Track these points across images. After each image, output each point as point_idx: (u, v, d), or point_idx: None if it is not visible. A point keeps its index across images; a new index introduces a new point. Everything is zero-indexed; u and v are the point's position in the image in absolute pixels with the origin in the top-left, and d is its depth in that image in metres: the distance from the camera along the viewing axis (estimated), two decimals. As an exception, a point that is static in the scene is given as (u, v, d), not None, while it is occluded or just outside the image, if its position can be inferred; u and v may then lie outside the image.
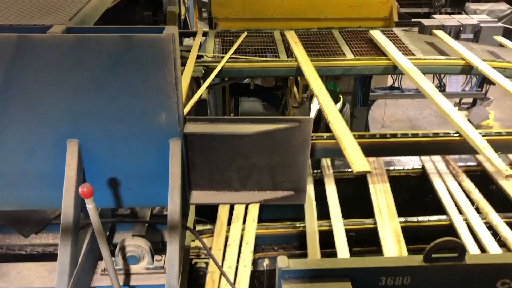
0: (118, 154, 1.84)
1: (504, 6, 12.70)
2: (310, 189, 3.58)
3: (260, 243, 3.24)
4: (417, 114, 9.33)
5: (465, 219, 3.37)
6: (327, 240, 3.16)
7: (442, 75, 7.40)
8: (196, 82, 3.71)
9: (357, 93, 6.66)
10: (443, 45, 4.59)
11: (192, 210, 2.43)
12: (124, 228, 2.23)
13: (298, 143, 1.96)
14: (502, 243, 3.16)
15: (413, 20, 6.97)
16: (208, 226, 3.29)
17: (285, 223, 3.36)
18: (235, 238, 3.07)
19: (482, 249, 3.07)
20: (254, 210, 3.34)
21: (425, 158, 4.09)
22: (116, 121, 1.77)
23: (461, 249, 1.86)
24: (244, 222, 3.24)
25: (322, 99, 3.26)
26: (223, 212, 3.33)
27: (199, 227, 3.28)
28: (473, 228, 3.27)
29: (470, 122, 7.62)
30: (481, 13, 12.01)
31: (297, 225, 3.34)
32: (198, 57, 4.06)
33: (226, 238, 3.08)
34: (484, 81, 7.37)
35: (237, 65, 4.03)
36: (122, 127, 1.78)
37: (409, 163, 4.12)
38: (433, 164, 4.01)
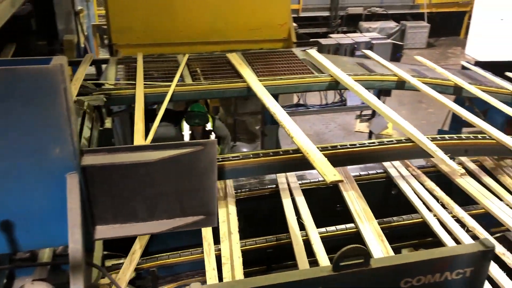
0: (11, 194, 1.71)
1: (392, 24, 13.85)
2: (288, 202, 3.60)
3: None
4: (323, 128, 9.78)
5: (435, 215, 3.59)
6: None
7: (342, 90, 7.85)
8: (98, 111, 3.59)
9: (265, 112, 6.84)
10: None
11: (99, 245, 2.32)
12: (25, 273, 2.07)
13: (204, 167, 1.95)
14: (471, 233, 3.40)
15: (311, 39, 7.37)
16: (122, 260, 3.14)
17: (267, 238, 3.36)
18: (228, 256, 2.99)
19: (457, 240, 3.28)
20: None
21: (387, 163, 4.26)
22: (5, 160, 1.65)
23: (366, 255, 1.96)
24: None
25: (279, 116, 3.34)
26: (207, 233, 3.23)
27: (112, 262, 3.13)
28: (444, 222, 3.49)
29: (372, 132, 8.15)
30: (373, 31, 13.00)
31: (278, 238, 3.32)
32: (99, 85, 3.93)
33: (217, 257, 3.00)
34: (380, 93, 7.91)
35: (147, 91, 3.99)
36: (12, 165, 1.66)
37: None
38: (395, 169, 4.21)
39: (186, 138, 5.80)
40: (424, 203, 3.73)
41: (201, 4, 5.12)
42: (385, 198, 4.25)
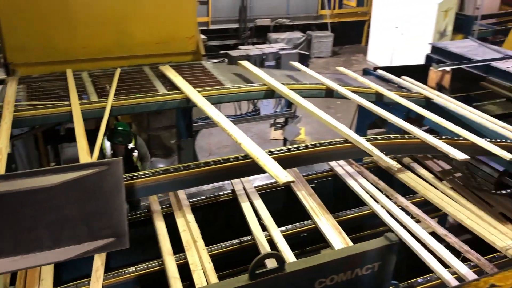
0: None
1: (299, 34, 14.39)
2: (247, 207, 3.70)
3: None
4: (240, 138, 9.89)
5: (382, 206, 3.85)
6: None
7: (256, 101, 8.00)
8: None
9: (180, 125, 6.76)
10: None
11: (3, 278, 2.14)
12: None
13: (111, 187, 1.89)
14: (416, 219, 3.74)
15: (221, 52, 7.44)
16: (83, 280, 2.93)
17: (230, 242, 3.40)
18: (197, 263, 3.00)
19: (405, 227, 3.58)
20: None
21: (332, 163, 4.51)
22: None
23: (280, 260, 2.00)
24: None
25: (224, 125, 3.36)
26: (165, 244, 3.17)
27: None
28: (391, 212, 3.77)
29: (286, 139, 8.38)
30: (281, 41, 13.41)
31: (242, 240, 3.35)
32: (-4, 107, 3.66)
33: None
34: (291, 102, 8.19)
35: (51, 111, 3.79)
36: None
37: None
38: (341, 167, 4.47)
39: (108, 156, 5.57)
40: (371, 196, 4.03)
41: (103, 19, 4.95)
42: (335, 194, 4.52)
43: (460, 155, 3.48)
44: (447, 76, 5.51)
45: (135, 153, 5.63)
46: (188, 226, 3.40)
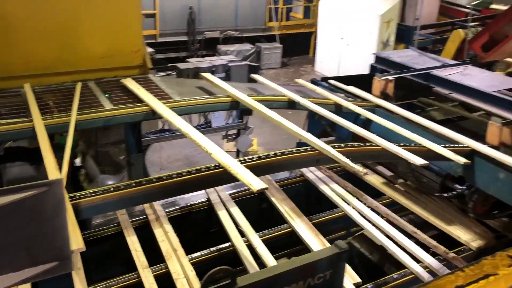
0: None
1: (248, 46, 14.52)
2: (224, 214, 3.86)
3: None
4: (192, 151, 9.78)
5: (354, 207, 4.10)
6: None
7: (207, 113, 7.96)
8: None
9: (129, 141, 6.60)
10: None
11: None
12: None
13: (52, 208, 1.80)
14: (385, 218, 4.04)
15: (169, 65, 7.35)
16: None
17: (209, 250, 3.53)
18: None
19: (377, 227, 3.86)
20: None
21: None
22: None
23: (232, 275, 1.97)
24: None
25: (193, 136, 3.39)
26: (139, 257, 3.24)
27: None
28: (362, 213, 4.03)
29: (239, 150, 8.38)
30: (231, 53, 13.48)
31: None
32: None
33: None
34: (243, 113, 8.19)
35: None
36: None
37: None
38: (311, 172, 4.76)
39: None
40: (342, 198, 4.28)
41: (45, 34, 4.78)
42: (308, 198, 4.74)
43: (419, 161, 3.67)
44: (390, 85, 5.70)
45: (82, 171, 5.44)
46: (167, 236, 3.49)
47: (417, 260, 3.57)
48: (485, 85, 5.73)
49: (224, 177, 3.09)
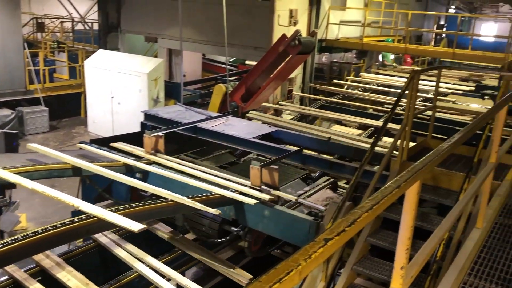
0: None
1: (7, 112, 13.04)
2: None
3: None
4: None
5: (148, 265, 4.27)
6: None
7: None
8: None
9: None
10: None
11: None
12: None
13: None
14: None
15: None
16: None
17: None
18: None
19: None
20: None
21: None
22: None
23: None
24: None
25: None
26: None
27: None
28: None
29: (2, 231, 7.26)
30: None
31: None
32: None
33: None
34: (4, 187, 7.21)
35: None
36: None
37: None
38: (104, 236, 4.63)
39: None
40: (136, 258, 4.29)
41: None
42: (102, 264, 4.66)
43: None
44: (161, 141, 5.83)
45: None
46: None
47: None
48: (244, 133, 6.37)
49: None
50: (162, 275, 4.04)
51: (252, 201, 4.50)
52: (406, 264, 1.98)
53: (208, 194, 4.62)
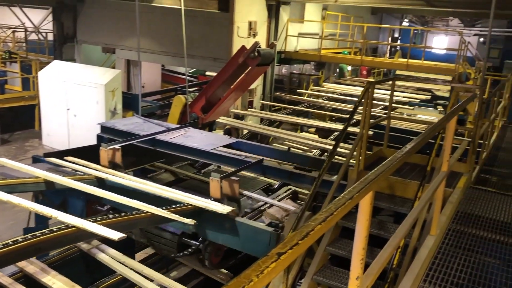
0: None
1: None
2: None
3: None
4: None
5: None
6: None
7: None
8: None
9: None
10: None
11: None
12: None
13: None
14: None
15: None
16: None
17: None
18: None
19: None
20: None
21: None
22: None
23: None
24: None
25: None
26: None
27: None
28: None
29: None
30: None
31: None
32: None
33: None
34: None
35: None
36: None
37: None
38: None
39: None
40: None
41: None
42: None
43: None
44: (118, 154, 5.69)
45: None
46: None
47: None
48: (204, 144, 6.32)
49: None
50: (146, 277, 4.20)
51: (226, 210, 4.47)
52: (362, 274, 2.00)
53: (180, 205, 4.58)
